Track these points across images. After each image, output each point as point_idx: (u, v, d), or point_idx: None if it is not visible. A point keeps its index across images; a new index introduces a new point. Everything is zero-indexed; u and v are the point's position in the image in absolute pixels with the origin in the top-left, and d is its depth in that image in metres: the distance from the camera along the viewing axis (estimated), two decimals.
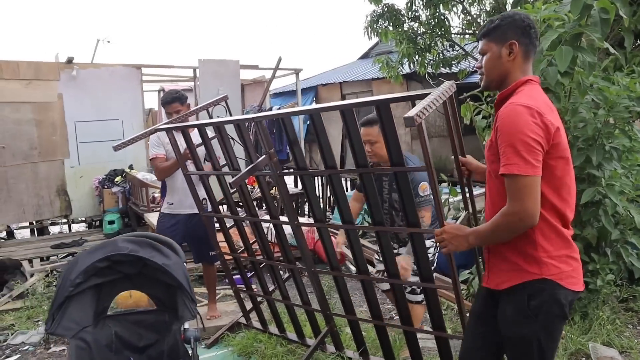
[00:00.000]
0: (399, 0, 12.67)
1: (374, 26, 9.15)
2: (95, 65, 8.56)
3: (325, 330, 3.61)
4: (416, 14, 9.12)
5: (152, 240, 2.43)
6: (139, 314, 2.57)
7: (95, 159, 8.12)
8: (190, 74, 9.68)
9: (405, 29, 9.07)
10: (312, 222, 3.37)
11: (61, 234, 8.57)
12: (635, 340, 3.89)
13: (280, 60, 9.57)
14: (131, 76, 8.53)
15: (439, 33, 8.98)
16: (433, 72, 9.48)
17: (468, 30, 9.48)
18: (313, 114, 2.84)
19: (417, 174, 3.41)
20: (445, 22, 8.92)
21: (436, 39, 9.06)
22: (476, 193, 5.98)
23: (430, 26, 8.94)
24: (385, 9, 9.03)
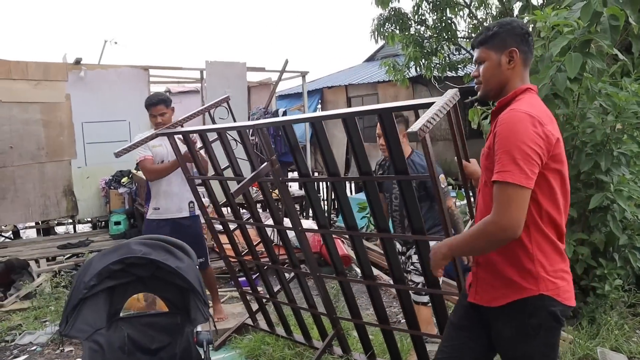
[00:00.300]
0: (406, 4, 12.73)
1: (381, 29, 9.16)
2: (103, 66, 8.59)
3: (332, 333, 3.62)
4: (423, 18, 9.12)
5: (165, 243, 2.45)
6: (152, 317, 2.58)
7: (102, 159, 8.13)
8: (197, 75, 9.71)
9: (411, 33, 9.08)
10: (316, 228, 3.37)
11: (67, 234, 8.60)
12: None
13: (286, 62, 9.59)
14: (138, 77, 8.55)
15: (446, 37, 8.99)
16: (439, 76, 9.49)
17: (474, 34, 9.47)
18: (314, 121, 2.84)
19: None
20: (452, 26, 8.92)
21: (442, 42, 9.06)
22: None
23: (437, 30, 8.95)
24: (392, 13, 9.04)
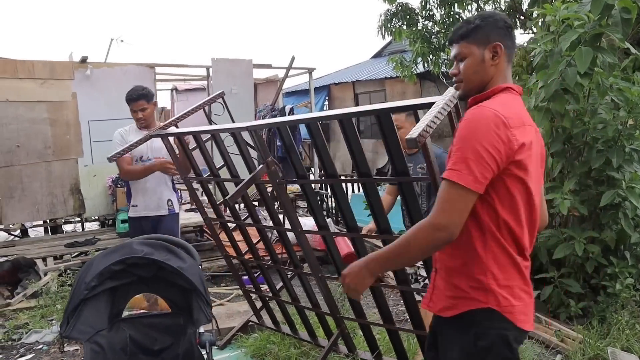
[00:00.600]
0: None
1: (388, 25, 9.10)
2: (109, 64, 8.57)
3: (336, 333, 3.59)
4: (430, 13, 9.04)
5: (168, 242, 2.42)
6: (154, 317, 2.55)
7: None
8: (203, 73, 9.68)
9: (419, 28, 9.01)
10: (316, 230, 3.31)
11: (74, 232, 8.61)
12: None
13: (293, 59, 9.54)
14: (144, 75, 8.52)
15: None
16: (447, 72, 9.41)
17: None
18: (310, 123, 2.76)
19: (442, 159, 3.43)
20: (460, 21, 8.84)
21: None
22: None
23: (445, 25, 8.87)
24: (399, 8, 8.98)
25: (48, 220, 8.19)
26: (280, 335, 4.04)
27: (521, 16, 8.30)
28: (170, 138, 3.67)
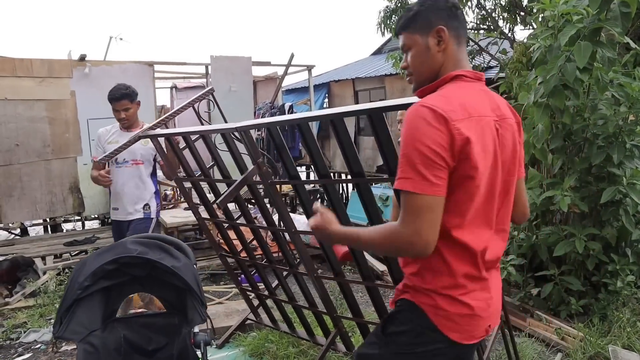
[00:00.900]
0: None
1: (387, 22, 9.07)
2: (108, 62, 8.55)
3: (334, 332, 3.56)
4: None
5: (162, 242, 2.39)
6: (149, 317, 2.53)
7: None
8: (203, 70, 9.65)
9: None
10: (310, 230, 3.25)
11: (74, 231, 8.60)
12: None
13: (292, 56, 9.52)
14: (143, 73, 8.51)
15: None
16: None
17: (482, 26, 9.35)
18: (301, 123, 2.69)
19: None
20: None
21: None
22: None
23: None
24: (399, 5, 8.94)
25: (48, 219, 8.18)
26: (278, 334, 4.02)
27: (521, 12, 8.25)
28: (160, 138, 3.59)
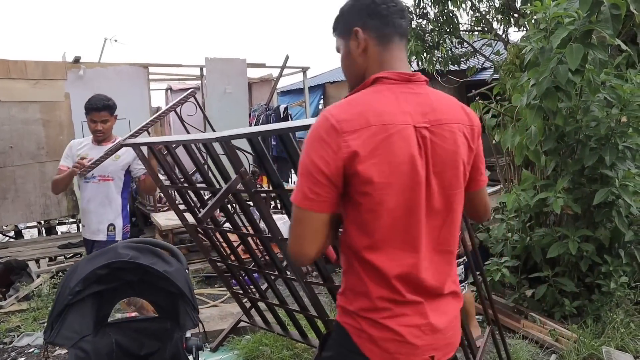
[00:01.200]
0: None
1: None
2: (102, 64, 8.53)
3: (325, 334, 3.51)
4: (424, 11, 9.03)
5: (153, 246, 2.39)
6: (141, 322, 2.52)
7: None
8: (197, 72, 9.63)
9: (413, 27, 8.99)
10: None
11: (68, 233, 8.57)
12: None
13: (287, 58, 9.50)
14: (138, 75, 8.49)
15: (448, 30, 8.89)
16: (442, 70, 9.40)
17: (477, 27, 9.37)
18: (252, 137, 2.58)
19: None
20: (454, 19, 8.82)
21: (444, 36, 8.97)
22: (490, 191, 5.93)
23: (439, 23, 8.85)
24: None
25: (42, 222, 8.15)
26: (272, 338, 4.01)
27: (515, 13, 8.28)
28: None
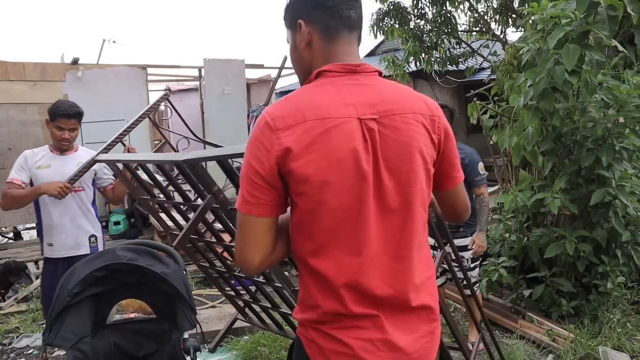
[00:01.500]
0: None
1: (380, 24, 9.08)
2: (101, 65, 8.55)
3: (290, 345, 3.46)
4: (422, 12, 9.04)
5: (151, 248, 2.40)
6: (139, 323, 2.53)
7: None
8: (196, 73, 9.67)
9: (411, 27, 9.00)
10: None
11: None
12: None
13: (285, 59, 9.52)
14: (136, 76, 8.52)
15: (446, 31, 8.90)
16: (440, 70, 9.42)
17: (475, 28, 9.39)
18: (221, 159, 2.41)
19: (473, 157, 3.77)
20: (452, 20, 8.83)
21: (442, 36, 8.98)
22: (491, 190, 5.92)
23: (437, 24, 8.86)
24: (391, 7, 8.96)
25: None
26: (271, 338, 4.02)
27: (513, 14, 8.29)
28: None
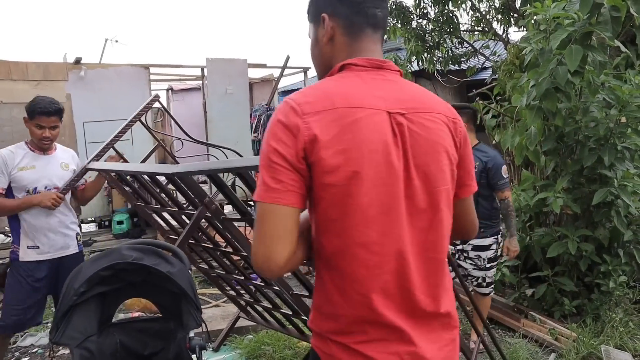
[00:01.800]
0: None
1: None
2: (103, 65, 8.56)
3: (305, 357, 3.49)
4: (424, 11, 9.05)
5: (157, 247, 2.41)
6: (144, 322, 2.54)
7: (103, 159, 8.10)
8: (198, 73, 9.66)
9: (413, 27, 9.01)
10: None
11: None
12: None
13: (288, 58, 9.54)
14: (139, 76, 8.52)
15: (448, 30, 8.90)
16: (442, 70, 9.42)
17: (477, 27, 9.39)
18: (211, 174, 2.42)
19: (497, 160, 3.74)
20: (454, 19, 8.83)
21: (445, 36, 8.98)
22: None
23: (439, 23, 8.86)
24: (394, 7, 8.97)
25: None
26: (274, 337, 4.04)
27: (515, 14, 8.30)
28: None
